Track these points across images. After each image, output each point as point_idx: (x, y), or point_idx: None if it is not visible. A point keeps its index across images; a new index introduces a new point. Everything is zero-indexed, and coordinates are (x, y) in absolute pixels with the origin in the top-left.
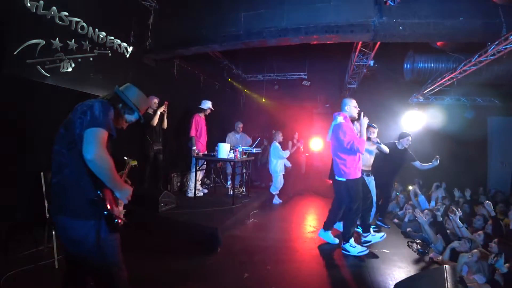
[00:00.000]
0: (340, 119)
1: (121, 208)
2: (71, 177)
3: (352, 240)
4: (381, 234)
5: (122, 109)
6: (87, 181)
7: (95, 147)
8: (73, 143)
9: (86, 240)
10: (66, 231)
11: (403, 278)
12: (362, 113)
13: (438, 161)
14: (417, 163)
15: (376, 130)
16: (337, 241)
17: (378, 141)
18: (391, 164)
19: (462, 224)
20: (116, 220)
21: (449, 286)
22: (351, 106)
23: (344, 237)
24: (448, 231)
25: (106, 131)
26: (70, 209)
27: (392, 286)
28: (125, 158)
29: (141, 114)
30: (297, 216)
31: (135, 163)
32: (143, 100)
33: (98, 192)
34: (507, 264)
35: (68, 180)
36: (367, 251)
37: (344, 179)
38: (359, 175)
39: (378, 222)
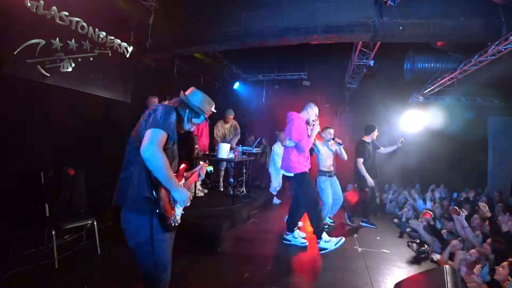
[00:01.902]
0: (296, 116)
1: (179, 210)
2: (135, 174)
3: (324, 235)
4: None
5: (190, 114)
6: (145, 179)
7: (152, 146)
8: (139, 143)
9: (138, 234)
10: (124, 222)
11: (403, 278)
12: (317, 122)
13: (401, 144)
14: (380, 150)
15: (332, 131)
16: (306, 242)
17: (340, 142)
18: (367, 161)
19: (467, 224)
20: (168, 221)
21: (449, 286)
22: (312, 112)
23: (316, 234)
24: (445, 230)
25: (165, 132)
26: (128, 202)
27: (392, 286)
28: (201, 162)
29: (207, 116)
30: None
31: (210, 168)
32: (207, 103)
33: (153, 191)
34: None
35: (132, 176)
36: (343, 239)
37: (292, 174)
38: (304, 169)
39: (363, 224)
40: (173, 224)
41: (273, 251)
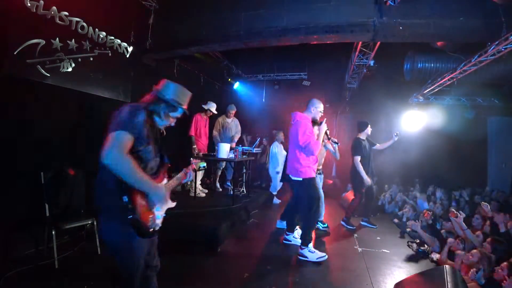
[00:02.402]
0: (302, 117)
1: (159, 212)
2: (103, 179)
3: (311, 245)
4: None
5: (166, 108)
6: (114, 184)
7: (113, 150)
8: None
9: (111, 240)
10: (100, 227)
11: (403, 278)
12: (324, 120)
13: (397, 137)
14: (377, 146)
15: (328, 131)
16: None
17: (336, 141)
18: (364, 158)
19: (466, 226)
20: (145, 226)
21: (449, 286)
22: (317, 109)
23: (303, 240)
24: (444, 230)
25: (129, 134)
26: (100, 208)
27: (392, 286)
28: (191, 159)
29: (185, 107)
30: None
31: (203, 164)
32: (182, 93)
33: (124, 196)
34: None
35: (101, 181)
36: (326, 257)
37: (301, 179)
38: (313, 174)
39: (363, 223)
40: (151, 230)
41: (273, 251)
